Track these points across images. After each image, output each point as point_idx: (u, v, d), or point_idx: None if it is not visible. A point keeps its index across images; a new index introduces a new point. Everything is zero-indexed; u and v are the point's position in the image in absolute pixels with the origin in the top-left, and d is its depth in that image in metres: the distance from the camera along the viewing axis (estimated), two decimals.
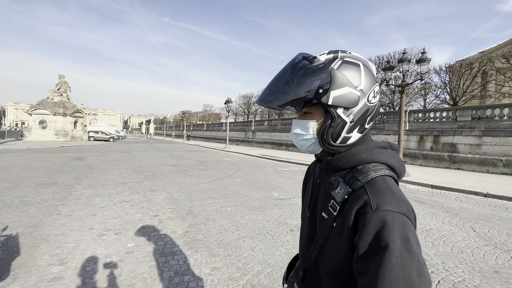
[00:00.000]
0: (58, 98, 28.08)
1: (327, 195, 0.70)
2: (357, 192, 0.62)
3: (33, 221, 4.00)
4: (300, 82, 0.64)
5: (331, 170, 0.73)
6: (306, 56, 0.68)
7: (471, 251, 3.40)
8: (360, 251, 0.56)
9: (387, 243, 0.53)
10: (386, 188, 0.60)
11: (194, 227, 4.01)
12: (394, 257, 0.51)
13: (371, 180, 0.62)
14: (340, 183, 0.66)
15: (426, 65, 9.22)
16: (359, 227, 0.58)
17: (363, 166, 0.66)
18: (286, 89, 0.65)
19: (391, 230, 0.53)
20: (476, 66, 21.75)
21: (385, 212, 0.55)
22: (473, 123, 12.50)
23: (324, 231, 0.68)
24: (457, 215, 5.04)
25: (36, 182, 6.85)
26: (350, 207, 0.61)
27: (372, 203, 0.57)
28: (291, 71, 0.66)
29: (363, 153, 0.69)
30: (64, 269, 2.68)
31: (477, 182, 8.42)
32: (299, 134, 0.72)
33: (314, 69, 0.65)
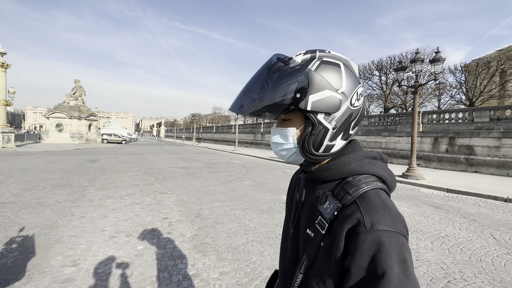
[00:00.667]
0: (73, 102, 29.10)
1: (314, 210, 0.62)
2: (348, 208, 0.55)
3: (48, 222, 4.13)
4: (275, 86, 0.58)
5: (317, 181, 0.66)
6: (281, 58, 0.61)
7: (491, 260, 3.23)
8: (353, 278, 0.50)
9: (384, 270, 0.47)
10: (380, 204, 0.54)
11: (203, 230, 4.01)
12: (393, 285, 0.46)
13: (363, 194, 0.56)
14: (329, 197, 0.59)
15: (440, 64, 8.94)
16: (351, 249, 0.51)
17: (353, 178, 0.60)
18: (260, 94, 0.59)
19: (388, 254, 0.48)
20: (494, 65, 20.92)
21: (381, 233, 0.49)
22: (492, 124, 11.98)
23: (311, 251, 0.59)
24: (475, 221, 4.82)
25: (52, 183, 7.09)
26: (340, 225, 0.54)
27: (366, 222, 0.51)
28: (267, 75, 0.60)
29: (352, 163, 0.62)
30: (77, 270, 2.74)
31: (496, 186, 8.05)
32: (279, 143, 0.65)
33: (290, 71, 0.59)
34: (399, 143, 15.11)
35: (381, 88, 28.00)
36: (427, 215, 5.11)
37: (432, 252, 3.42)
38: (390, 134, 15.62)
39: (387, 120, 16.96)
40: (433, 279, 2.76)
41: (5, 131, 18.18)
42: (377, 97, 28.91)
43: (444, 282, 2.71)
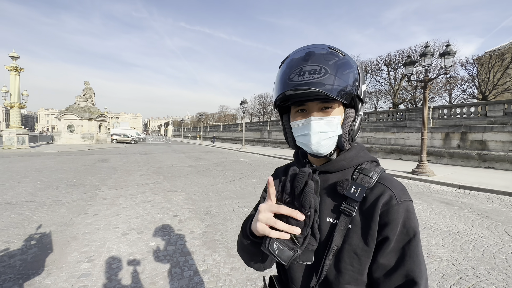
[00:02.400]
0: (84, 103, 29.77)
1: (335, 197, 0.66)
2: (375, 188, 0.64)
3: (64, 220, 4.27)
4: (338, 73, 0.60)
5: (331, 171, 0.70)
6: (330, 46, 0.64)
7: (505, 257, 3.17)
8: (391, 243, 0.60)
9: (415, 231, 0.61)
10: (396, 181, 0.66)
11: (212, 228, 4.08)
12: (419, 241, 0.61)
13: (382, 176, 0.67)
14: (353, 182, 0.65)
15: (451, 58, 8.71)
16: (386, 221, 0.60)
17: (365, 164, 0.69)
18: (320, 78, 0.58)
19: (414, 218, 0.62)
20: (508, 57, 20.19)
21: (407, 203, 0.62)
22: (506, 118, 11.62)
23: (339, 236, 0.62)
24: (488, 218, 4.71)
25: (65, 183, 7.31)
26: (374, 203, 0.62)
27: (397, 196, 0.62)
28: (314, 62, 0.60)
29: (361, 152, 0.71)
30: (92, 266, 2.84)
31: (511, 182, 7.82)
32: (324, 132, 0.64)
33: (348, 61, 0.63)
34: (409, 139, 14.83)
35: (389, 83, 27.49)
36: (438, 212, 5.03)
37: (443, 249, 3.37)
38: (399, 130, 15.36)
39: (396, 116, 16.66)
40: (444, 275, 2.73)
41: (20, 132, 18.79)
42: (386, 92, 28.40)
43: (456, 278, 2.68)
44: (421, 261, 0.60)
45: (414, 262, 0.59)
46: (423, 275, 0.59)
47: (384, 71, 27.71)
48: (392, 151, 15.57)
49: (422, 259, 0.61)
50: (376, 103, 30.60)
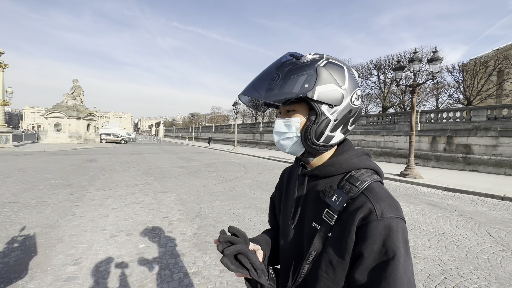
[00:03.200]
0: (72, 102, 29.00)
1: (319, 203, 0.67)
2: (357, 199, 0.60)
3: (49, 222, 4.14)
4: (286, 77, 0.62)
5: (321, 176, 0.69)
6: (293, 54, 0.66)
7: (487, 257, 3.29)
8: (366, 261, 0.55)
9: (395, 252, 0.54)
10: (385, 194, 0.60)
11: (203, 229, 4.05)
12: (401, 265, 0.53)
13: (369, 187, 0.62)
14: (336, 190, 0.63)
15: (438, 64, 9.00)
16: (362, 236, 0.56)
17: (356, 172, 0.66)
18: (272, 84, 0.62)
19: (397, 237, 0.55)
20: (491, 64, 21.02)
21: (390, 220, 0.56)
22: (489, 123, 12.08)
23: (318, 242, 0.63)
24: (472, 219, 4.88)
25: (51, 183, 7.09)
26: (351, 215, 0.59)
27: (377, 211, 0.57)
28: (278, 69, 0.64)
29: (353, 158, 0.68)
30: (79, 269, 2.77)
31: (493, 185, 8.13)
32: (282, 132, 0.68)
33: (301, 65, 0.63)
34: (398, 142, 15.19)
35: (379, 87, 28.08)
36: (425, 213, 5.17)
37: (429, 250, 3.47)
38: (389, 133, 15.70)
39: (386, 120, 17.04)
40: (430, 275, 2.81)
41: (3, 131, 18.10)
42: (376, 96, 28.98)
43: (441, 278, 2.76)
44: (400, 286, 0.51)
45: (390, 286, 0.52)
46: None
47: (375, 75, 28.29)
48: (382, 154, 15.89)
49: (404, 283, 0.52)
50: (366, 106, 31.18)
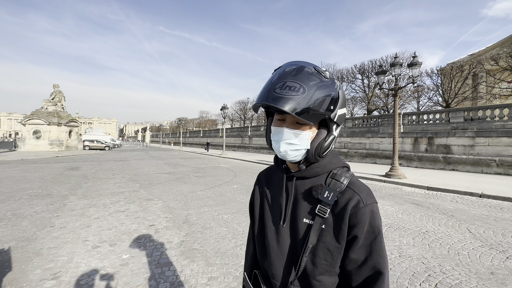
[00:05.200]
0: (52, 107, 27.88)
1: (310, 200, 0.75)
2: (345, 193, 0.72)
3: (26, 235, 3.92)
4: (314, 95, 0.64)
5: (308, 177, 0.77)
6: (315, 66, 0.70)
7: (468, 253, 3.42)
8: (360, 241, 0.70)
9: (379, 229, 0.71)
10: (363, 186, 0.75)
11: (191, 236, 3.96)
12: (382, 237, 0.71)
13: (351, 181, 0.74)
14: (326, 187, 0.73)
15: (417, 68, 9.40)
16: (355, 221, 0.69)
17: (336, 170, 0.76)
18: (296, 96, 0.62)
19: (378, 217, 0.71)
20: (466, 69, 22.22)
21: (372, 205, 0.71)
22: (466, 124, 12.70)
23: (313, 235, 0.71)
24: (453, 217, 5.07)
25: (29, 194, 6.74)
26: (344, 206, 0.70)
27: (363, 200, 0.70)
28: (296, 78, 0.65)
29: (333, 159, 0.78)
30: (57, 283, 2.63)
31: (472, 183, 8.51)
32: (292, 143, 0.70)
33: (327, 84, 0.67)
34: (382, 143, 15.64)
35: (364, 91, 28.93)
36: (409, 213, 5.32)
37: (414, 248, 3.56)
38: (374, 135, 16.15)
39: (370, 122, 17.53)
40: (415, 273, 2.88)
41: None
42: (360, 99, 29.81)
43: (425, 276, 2.83)
44: (385, 254, 0.71)
45: (380, 256, 0.70)
46: (386, 266, 0.71)
47: (359, 79, 29.17)
48: (367, 156, 16.30)
49: (385, 252, 0.71)
50: (352, 109, 31.98)
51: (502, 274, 2.87)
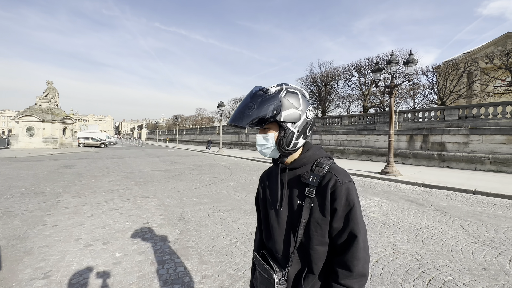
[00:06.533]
0: (46, 104, 27.45)
1: (300, 186, 0.95)
2: (326, 176, 0.91)
3: (17, 233, 3.85)
4: (260, 107, 0.87)
5: (297, 167, 0.98)
6: (262, 88, 0.92)
7: (461, 249, 3.45)
8: (339, 213, 0.89)
9: (354, 202, 0.89)
10: (341, 169, 0.95)
11: (185, 234, 3.93)
12: (357, 209, 0.90)
13: (331, 167, 0.94)
14: (311, 173, 0.94)
15: (413, 66, 9.42)
16: (335, 197, 0.88)
17: (320, 159, 0.97)
18: (250, 112, 0.87)
19: (353, 194, 0.90)
20: (461, 67, 22.37)
21: (347, 184, 0.90)
22: (460, 122, 12.81)
23: (305, 213, 0.91)
24: (447, 213, 5.12)
25: (21, 191, 6.63)
26: (325, 186, 0.90)
27: (339, 180, 0.90)
28: (251, 100, 0.89)
29: (316, 152, 1.00)
30: (48, 283, 2.58)
31: (465, 180, 8.61)
32: (263, 144, 0.95)
33: (269, 97, 0.89)
34: (378, 141, 15.72)
35: (360, 88, 28.98)
36: (404, 209, 5.36)
37: (408, 245, 3.58)
38: (369, 133, 16.22)
39: (366, 120, 17.59)
40: (409, 270, 2.90)
41: None
42: (357, 97, 29.88)
43: (418, 272, 2.85)
44: (360, 221, 0.89)
45: (355, 223, 0.88)
46: (361, 230, 0.88)
47: (355, 77, 29.19)
48: (363, 153, 16.38)
49: (361, 220, 0.89)
50: (348, 107, 32.07)
51: (494, 270, 2.90)
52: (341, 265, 0.89)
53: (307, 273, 0.94)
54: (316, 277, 0.94)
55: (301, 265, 0.95)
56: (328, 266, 0.95)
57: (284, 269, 0.95)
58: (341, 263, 0.89)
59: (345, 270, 0.88)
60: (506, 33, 24.99)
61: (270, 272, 0.94)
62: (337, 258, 0.92)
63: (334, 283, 0.89)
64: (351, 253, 0.88)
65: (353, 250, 0.88)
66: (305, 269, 0.94)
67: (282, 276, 0.94)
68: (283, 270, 0.95)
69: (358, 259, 0.87)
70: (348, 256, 0.88)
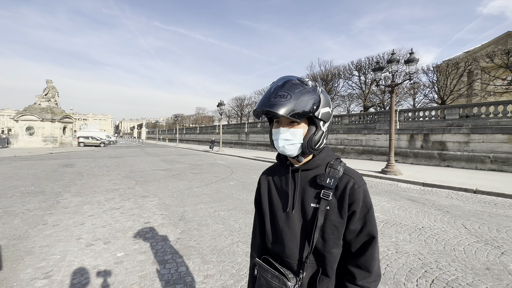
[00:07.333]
0: (45, 103, 27.40)
1: (314, 188, 0.92)
2: (343, 178, 0.89)
3: (17, 233, 3.84)
4: (300, 99, 0.82)
5: (310, 168, 0.94)
6: (299, 78, 0.87)
7: (463, 249, 3.44)
8: (357, 214, 0.88)
9: (370, 204, 0.90)
10: (356, 172, 0.93)
11: (187, 233, 3.92)
12: (373, 210, 0.91)
13: (345, 169, 0.92)
14: (327, 175, 0.90)
15: (414, 65, 9.39)
16: (353, 199, 0.87)
17: (333, 161, 0.94)
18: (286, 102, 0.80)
19: (369, 195, 0.91)
20: (462, 66, 22.31)
21: (363, 186, 0.90)
22: (461, 121, 12.79)
23: (321, 215, 0.87)
24: (449, 213, 5.10)
25: (21, 191, 6.61)
26: (343, 188, 0.88)
27: (357, 182, 0.89)
28: (284, 88, 0.83)
29: (329, 153, 0.96)
30: (49, 282, 2.56)
31: (466, 179, 8.59)
32: (288, 139, 0.88)
33: (309, 90, 0.84)
34: (378, 140, 15.70)
35: (360, 87, 28.92)
36: (405, 209, 5.34)
37: (410, 244, 3.57)
38: (370, 132, 16.20)
39: (367, 119, 17.56)
40: (412, 269, 2.88)
41: None
42: (357, 96, 29.82)
43: (421, 272, 2.84)
44: (375, 223, 0.90)
45: (372, 224, 0.89)
46: (377, 231, 0.90)
47: (356, 76, 29.11)
48: (364, 152, 16.36)
49: (375, 221, 0.91)
50: (348, 106, 32.01)
51: (498, 270, 2.89)
52: (358, 266, 0.89)
53: (321, 276, 0.92)
54: (330, 279, 0.92)
55: (315, 269, 0.92)
56: (340, 268, 0.94)
57: (297, 275, 0.91)
58: (359, 264, 0.89)
59: (363, 271, 0.88)
60: (506, 32, 24.92)
61: (284, 280, 0.89)
62: (353, 259, 0.91)
63: (352, 284, 0.89)
64: (369, 254, 0.88)
65: (371, 251, 0.89)
66: (319, 273, 0.92)
67: (296, 282, 0.89)
68: (297, 276, 0.91)
69: (375, 260, 0.89)
70: (366, 257, 0.89)
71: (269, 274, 0.93)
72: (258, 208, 1.10)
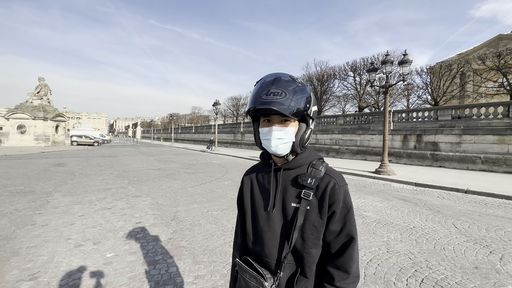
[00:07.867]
0: (38, 101, 26.91)
1: (295, 187, 0.90)
2: (323, 178, 0.89)
3: (4, 233, 3.75)
4: (295, 97, 0.81)
5: (292, 168, 0.93)
6: (290, 76, 0.86)
7: (453, 248, 3.48)
8: (337, 215, 0.87)
9: (350, 204, 0.90)
10: (337, 172, 0.93)
11: (179, 234, 3.88)
12: (352, 211, 0.90)
13: (327, 169, 0.91)
14: (308, 175, 0.89)
15: (408, 66, 9.49)
16: (333, 200, 0.86)
17: (315, 161, 0.93)
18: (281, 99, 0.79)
19: (349, 196, 0.90)
20: (455, 68, 22.64)
21: (344, 186, 0.90)
22: (453, 122, 12.98)
23: (300, 215, 0.86)
24: (440, 212, 5.17)
25: (10, 190, 6.47)
26: (324, 188, 0.87)
27: (338, 183, 0.88)
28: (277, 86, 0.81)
29: (311, 153, 0.95)
30: (35, 284, 2.51)
31: (458, 179, 8.72)
32: (281, 138, 0.86)
33: (302, 88, 0.84)
34: (373, 140, 15.84)
35: (355, 88, 29.12)
36: (397, 208, 5.39)
37: (401, 244, 3.60)
38: (364, 132, 16.32)
39: (361, 119, 17.70)
40: (402, 269, 2.90)
41: None
42: (352, 97, 30.03)
43: (411, 271, 2.86)
44: (355, 224, 0.90)
45: (352, 225, 0.89)
46: (356, 232, 0.90)
47: (351, 76, 29.30)
48: (358, 152, 16.48)
49: (355, 222, 0.91)
50: (343, 106, 32.21)
51: (486, 269, 2.93)
52: (337, 267, 0.88)
53: (299, 277, 0.90)
54: (309, 280, 0.90)
55: (294, 269, 0.91)
56: (319, 268, 0.93)
57: (275, 275, 0.89)
58: (337, 265, 0.89)
59: (341, 272, 0.88)
60: (498, 35, 25.40)
61: (260, 280, 0.87)
62: (332, 260, 0.90)
63: (330, 285, 0.88)
64: (347, 255, 0.88)
65: (350, 252, 0.88)
66: (298, 273, 0.90)
67: (273, 282, 0.88)
68: (274, 276, 0.89)
69: (354, 261, 0.88)
70: (344, 258, 0.88)
71: (247, 275, 0.92)
72: (240, 207, 1.08)
